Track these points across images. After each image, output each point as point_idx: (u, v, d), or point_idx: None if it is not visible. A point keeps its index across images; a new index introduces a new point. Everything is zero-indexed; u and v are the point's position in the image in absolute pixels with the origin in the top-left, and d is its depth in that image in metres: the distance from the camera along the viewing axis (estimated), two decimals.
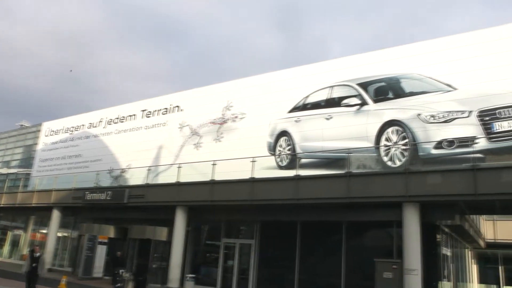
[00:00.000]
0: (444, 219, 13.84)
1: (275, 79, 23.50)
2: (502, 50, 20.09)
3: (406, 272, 12.96)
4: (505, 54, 20.07)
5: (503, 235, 21.90)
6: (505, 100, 18.37)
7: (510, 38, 20.01)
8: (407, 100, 19.45)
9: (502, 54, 20.11)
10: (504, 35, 20.27)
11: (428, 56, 20.64)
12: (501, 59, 19.77)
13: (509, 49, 20.17)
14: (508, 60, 19.85)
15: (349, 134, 19.66)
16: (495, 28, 20.71)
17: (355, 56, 21.82)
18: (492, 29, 20.68)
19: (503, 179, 12.01)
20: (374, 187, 13.81)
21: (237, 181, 17.33)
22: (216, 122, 24.65)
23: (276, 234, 17.69)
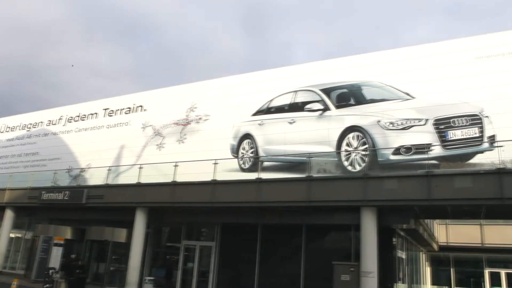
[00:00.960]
0: (400, 223, 14.17)
1: (240, 82, 23.48)
2: (457, 62, 20.88)
3: (363, 274, 13.17)
4: (460, 66, 20.89)
5: (455, 238, 22.70)
6: (459, 110, 19.09)
7: (464, 52, 20.86)
8: (367, 107, 19.87)
9: (457, 66, 20.91)
10: (458, 48, 21.09)
11: (388, 65, 21.18)
12: (456, 71, 20.57)
13: (463, 62, 21.02)
14: (462, 72, 20.68)
15: (311, 139, 19.87)
16: (451, 41, 21.52)
17: (319, 62, 22.12)
18: (447, 42, 21.48)
19: (455, 185, 12.44)
20: (333, 191, 13.99)
21: (198, 183, 17.15)
22: (180, 123, 24.34)
23: (237, 237, 17.62)
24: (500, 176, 11.91)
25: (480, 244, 22.23)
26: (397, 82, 20.27)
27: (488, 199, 12.17)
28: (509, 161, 13.50)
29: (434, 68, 21.28)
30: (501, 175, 11.92)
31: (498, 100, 20.48)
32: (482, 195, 12.17)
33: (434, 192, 12.48)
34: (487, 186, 12.09)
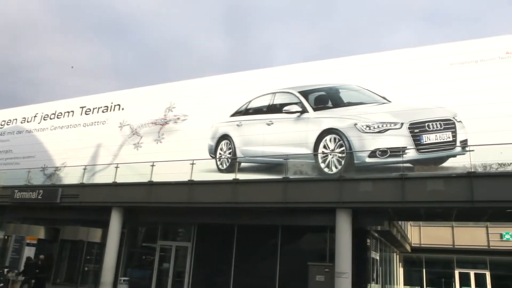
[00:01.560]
0: (374, 224, 14.35)
1: (219, 82, 23.38)
2: (432, 68, 21.26)
3: (337, 275, 13.27)
4: (435, 72, 21.28)
5: (427, 240, 23.12)
6: (433, 115, 19.43)
7: (439, 58, 21.27)
8: (345, 109, 20.03)
9: (432, 71, 21.30)
10: (434, 55, 21.49)
11: (366, 69, 21.41)
12: (431, 76, 20.94)
13: (438, 68, 21.43)
14: (437, 78, 21.08)
15: (289, 140, 19.92)
16: (427, 47, 21.92)
17: (298, 64, 22.22)
18: (424, 48, 21.87)
19: (428, 188, 12.66)
20: (309, 192, 14.06)
21: (175, 183, 17.00)
22: (158, 123, 24.08)
23: (213, 237, 17.53)
24: (470, 180, 12.17)
25: (451, 245, 22.71)
26: (374, 86, 20.51)
27: (459, 202, 12.43)
28: (480, 165, 13.84)
29: (410, 73, 21.62)
30: (472, 178, 12.18)
31: (471, 105, 20.94)
32: (454, 198, 12.42)
33: (408, 195, 12.66)
34: (458, 189, 12.35)
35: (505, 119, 21.02)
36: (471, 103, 21.19)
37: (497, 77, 22.09)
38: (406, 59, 21.74)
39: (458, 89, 21.61)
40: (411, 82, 21.19)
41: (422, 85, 21.28)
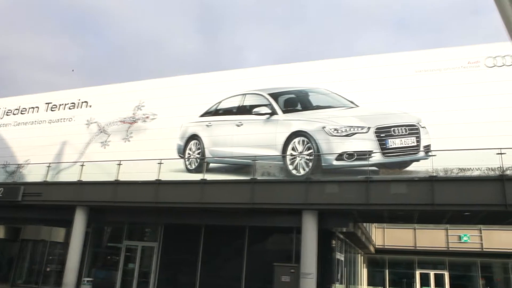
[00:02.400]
0: (340, 226, 14.50)
1: (190, 82, 23.17)
2: (398, 75, 21.79)
3: (302, 276, 13.33)
4: (401, 78, 21.81)
5: (390, 241, 23.63)
6: (399, 120, 19.87)
7: (406, 65, 21.79)
8: (313, 113, 20.23)
9: (399, 78, 21.81)
10: (401, 61, 22.01)
11: (335, 73, 21.70)
12: (398, 83, 21.44)
13: (405, 74, 21.97)
14: (403, 84, 21.59)
15: (258, 142, 19.93)
16: (394, 54, 22.42)
17: (269, 66, 22.29)
18: (391, 54, 22.35)
19: (392, 191, 12.91)
20: (277, 194, 14.08)
21: (142, 182, 16.69)
22: (126, 121, 23.63)
23: (180, 237, 17.31)
24: (432, 184, 12.49)
25: (413, 247, 23.29)
26: (342, 90, 20.80)
27: (420, 205, 12.73)
28: (442, 170, 14.22)
29: (378, 78, 22.05)
30: (433, 182, 12.50)
31: (434, 112, 21.55)
32: (416, 201, 12.71)
33: (372, 197, 12.87)
34: (420, 193, 12.64)
35: (466, 126, 21.74)
36: (434, 110, 21.81)
37: (459, 85, 22.84)
38: (374, 65, 22.16)
39: (423, 96, 22.21)
40: (378, 87, 21.63)
41: (389, 91, 21.76)
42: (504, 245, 22.34)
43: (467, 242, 22.88)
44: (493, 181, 12.21)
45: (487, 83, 22.64)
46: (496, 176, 12.35)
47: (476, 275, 24.45)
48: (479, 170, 14.03)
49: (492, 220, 16.01)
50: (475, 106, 22.25)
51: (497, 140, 16.45)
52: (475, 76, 22.97)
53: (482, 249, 22.81)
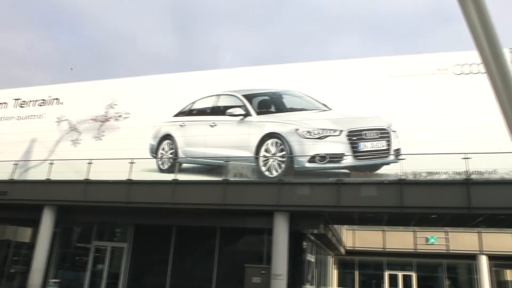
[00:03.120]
0: (311, 228, 14.53)
1: (164, 81, 22.87)
2: (371, 79, 22.08)
3: (273, 277, 13.29)
4: (374, 83, 22.11)
5: (360, 243, 23.92)
6: (371, 124, 20.14)
7: (378, 70, 22.10)
8: (287, 115, 20.27)
9: (371, 82, 22.11)
10: (374, 66, 22.32)
11: (309, 76, 21.82)
12: (370, 87, 21.73)
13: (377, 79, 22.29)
14: (376, 89, 21.89)
15: (231, 143, 19.83)
16: (367, 59, 22.72)
17: (243, 68, 22.24)
18: (365, 59, 22.65)
19: (362, 194, 13.02)
20: (249, 195, 14.01)
21: (113, 182, 16.32)
22: (98, 120, 23.11)
23: (151, 238, 17.01)
24: (401, 187, 12.67)
25: (382, 248, 23.63)
26: (316, 93, 20.92)
27: (389, 207, 12.90)
28: (410, 173, 14.46)
29: (351, 82, 22.30)
30: (402, 185, 12.68)
31: (404, 116, 21.96)
32: (385, 203, 12.87)
33: (343, 199, 12.96)
34: (390, 195, 12.81)
35: (434, 130, 22.23)
36: (405, 114, 22.23)
37: (428, 91, 23.34)
38: (347, 69, 22.40)
39: (394, 101, 22.59)
40: (351, 91, 21.87)
41: (361, 95, 22.04)
42: (468, 247, 22.95)
43: (434, 244, 23.40)
44: (459, 184, 12.48)
45: (454, 89, 23.23)
46: (461, 180, 12.63)
47: (442, 276, 25.01)
48: (446, 174, 14.32)
49: (458, 222, 16.39)
50: (443, 112, 22.79)
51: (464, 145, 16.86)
52: (443, 83, 23.54)
53: (448, 250, 23.36)
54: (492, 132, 17.38)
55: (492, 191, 12.34)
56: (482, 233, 22.69)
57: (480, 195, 12.15)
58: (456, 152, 13.64)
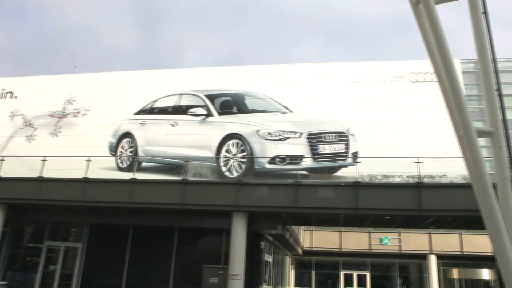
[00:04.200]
0: (269, 228, 14.53)
1: (126, 78, 22.35)
2: (331, 84, 22.45)
3: (230, 277, 13.19)
4: (333, 87, 22.49)
5: (317, 243, 24.24)
6: (330, 127, 20.47)
7: (338, 75, 22.50)
8: (249, 116, 20.27)
9: (331, 87, 22.48)
10: (334, 71, 22.71)
11: (271, 78, 21.92)
12: (330, 91, 22.08)
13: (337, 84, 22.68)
14: (335, 93, 22.27)
15: (192, 142, 19.60)
16: (328, 64, 23.09)
17: (206, 68, 22.10)
18: (325, 64, 23.00)
19: (319, 195, 13.15)
20: (207, 195, 13.84)
21: (68, 180, 15.70)
22: (55, 115, 22.27)
23: (106, 238, 16.46)
24: (356, 189, 12.88)
25: (338, 249, 24.06)
26: (277, 95, 21.05)
27: (345, 209, 13.10)
28: (367, 176, 14.76)
29: (312, 86, 22.58)
30: (357, 187, 12.90)
31: (362, 121, 22.47)
32: (341, 205, 13.05)
33: (301, 201, 13.03)
34: (346, 197, 13.00)
35: (391, 135, 22.88)
36: (363, 119, 22.76)
37: (385, 97, 24.02)
38: (308, 73, 22.68)
39: (353, 105, 23.08)
40: (311, 94, 22.14)
41: (322, 99, 22.35)
42: (420, 247, 23.75)
43: (388, 244, 24.05)
44: (411, 187, 12.84)
45: (410, 96, 24.02)
46: (413, 183, 13.00)
47: (395, 275, 25.74)
48: (400, 177, 14.70)
49: (410, 223, 16.87)
50: (398, 117, 23.51)
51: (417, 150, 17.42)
52: (399, 90, 24.29)
53: (400, 250, 24.07)
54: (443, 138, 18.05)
55: (441, 194, 12.78)
56: (432, 234, 23.55)
57: (430, 197, 12.55)
58: (408, 157, 14.03)
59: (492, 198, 5.86)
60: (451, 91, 6.55)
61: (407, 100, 24.07)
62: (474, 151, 6.09)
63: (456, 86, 6.45)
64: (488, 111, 6.95)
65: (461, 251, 23.33)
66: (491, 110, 6.79)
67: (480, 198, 6.03)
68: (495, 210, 5.88)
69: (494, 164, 6.38)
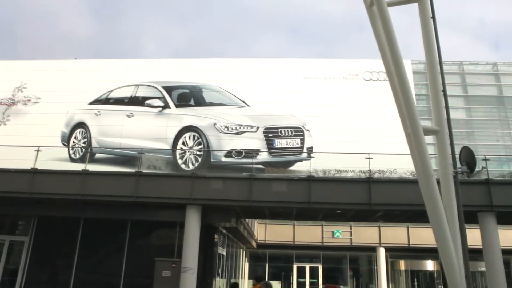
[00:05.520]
0: (223, 221, 14.34)
1: (81, 67, 21.40)
2: (288, 79, 22.48)
3: (183, 270, 12.91)
4: (290, 83, 22.53)
5: (271, 237, 24.34)
6: (286, 122, 20.53)
7: (295, 71, 22.56)
8: (206, 109, 19.96)
9: (288, 82, 22.52)
10: (291, 67, 22.74)
11: (230, 72, 21.68)
12: (287, 87, 22.11)
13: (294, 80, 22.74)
14: (292, 89, 22.31)
15: (148, 134, 19.07)
16: (285, 59, 23.09)
17: (165, 59, 21.54)
18: (283, 60, 22.98)
19: (273, 189, 13.09)
20: (161, 188, 13.45)
21: (15, 170, 14.76)
22: (3, 103, 21.01)
23: (55, 231, 15.63)
24: (309, 183, 12.92)
25: (291, 242, 24.25)
26: (235, 89, 20.86)
27: (298, 203, 13.11)
28: (321, 170, 14.85)
29: (269, 81, 22.53)
30: (310, 182, 12.94)
31: (317, 117, 22.71)
32: (294, 199, 13.05)
33: (255, 194, 12.92)
34: (299, 191, 13.00)
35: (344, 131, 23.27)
36: (318, 115, 23.00)
37: (340, 94, 24.39)
38: (266, 68, 22.61)
39: (309, 101, 23.27)
40: (269, 89, 22.08)
41: (279, 94, 22.35)
42: (370, 240, 24.35)
43: (339, 237, 24.50)
44: (362, 182, 13.02)
45: (364, 94, 24.54)
46: (364, 178, 13.20)
47: (346, 267, 26.29)
48: (353, 172, 14.89)
49: (360, 217, 17.18)
50: (352, 114, 23.96)
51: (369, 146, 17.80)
52: (354, 87, 24.76)
53: (351, 243, 24.58)
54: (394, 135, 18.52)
55: (390, 189, 13.05)
56: (381, 227, 24.20)
57: (380, 192, 12.79)
58: (360, 152, 14.25)
59: (436, 193, 5.97)
60: (401, 90, 6.63)
61: (361, 97, 24.59)
62: (420, 148, 6.18)
63: (405, 85, 6.53)
64: (434, 110, 7.11)
65: (408, 243, 24.13)
66: (437, 110, 6.95)
67: (425, 193, 6.13)
68: (439, 204, 5.99)
69: (438, 161, 6.53)
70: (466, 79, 28.56)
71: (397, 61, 6.24)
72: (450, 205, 6.16)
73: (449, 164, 6.58)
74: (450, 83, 25.91)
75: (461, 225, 6.62)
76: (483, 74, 28.92)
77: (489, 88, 28.76)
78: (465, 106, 27.90)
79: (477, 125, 27.59)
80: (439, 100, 6.88)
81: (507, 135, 27.70)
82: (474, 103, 28.19)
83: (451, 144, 7.17)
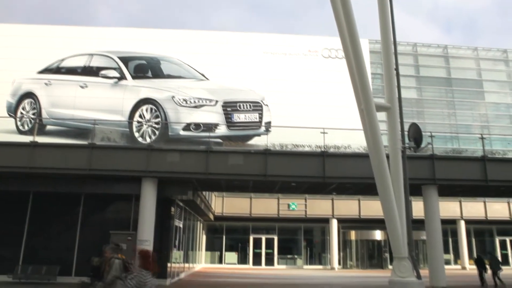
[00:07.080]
0: (179, 194, 14.19)
1: (27, 33, 20.06)
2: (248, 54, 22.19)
3: (139, 243, 12.74)
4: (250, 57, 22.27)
5: (229, 209, 24.52)
6: (245, 96, 20.34)
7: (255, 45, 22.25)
8: (164, 81, 19.39)
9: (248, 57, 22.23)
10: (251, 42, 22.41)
11: (189, 44, 21.11)
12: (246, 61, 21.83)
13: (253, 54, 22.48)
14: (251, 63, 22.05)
15: (103, 106, 18.36)
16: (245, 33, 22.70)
17: (121, 28, 20.67)
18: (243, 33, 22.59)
19: (229, 162, 13.05)
20: (116, 160, 13.04)
21: None
22: None
23: (2, 206, 14.85)
24: (265, 156, 12.98)
25: (248, 214, 24.53)
26: (194, 62, 20.35)
27: (254, 175, 13.17)
28: (278, 145, 14.93)
29: (229, 55, 22.17)
30: (267, 155, 13.00)
31: (276, 92, 22.71)
32: (250, 172, 13.09)
33: (211, 167, 12.83)
34: (255, 164, 13.05)
35: (302, 107, 23.47)
36: (277, 90, 22.99)
37: (299, 70, 24.45)
38: (226, 41, 22.21)
39: (268, 76, 23.17)
40: (228, 63, 21.76)
41: (238, 68, 22.09)
42: (323, 212, 25.06)
43: (295, 210, 25.02)
44: (316, 156, 13.24)
45: (322, 71, 24.73)
46: (318, 152, 13.40)
47: (300, 238, 27.00)
48: (309, 147, 15.06)
49: (314, 190, 17.55)
50: (310, 90, 24.16)
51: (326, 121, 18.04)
52: (313, 64, 24.88)
53: (306, 216, 25.20)
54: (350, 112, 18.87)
55: (342, 163, 13.36)
56: (334, 200, 24.92)
57: (333, 166, 13.07)
58: (315, 127, 14.41)
59: (385, 167, 6.13)
60: (356, 67, 6.68)
61: (319, 74, 24.78)
62: (372, 123, 6.29)
63: (360, 62, 6.58)
64: (386, 88, 7.25)
65: (359, 215, 25.03)
66: (389, 88, 7.09)
67: (375, 166, 6.29)
68: (387, 177, 6.17)
69: (388, 136, 6.68)
70: (419, 61, 29.42)
71: (353, 39, 6.26)
72: (397, 178, 6.35)
73: (398, 139, 6.76)
74: (403, 63, 26.58)
75: (406, 196, 6.88)
76: (435, 56, 29.88)
77: (439, 69, 29.81)
78: (417, 86, 28.83)
79: (427, 105, 28.66)
80: (392, 78, 7.01)
81: (453, 114, 29.00)
82: (425, 83, 29.17)
83: (400, 121, 7.35)
